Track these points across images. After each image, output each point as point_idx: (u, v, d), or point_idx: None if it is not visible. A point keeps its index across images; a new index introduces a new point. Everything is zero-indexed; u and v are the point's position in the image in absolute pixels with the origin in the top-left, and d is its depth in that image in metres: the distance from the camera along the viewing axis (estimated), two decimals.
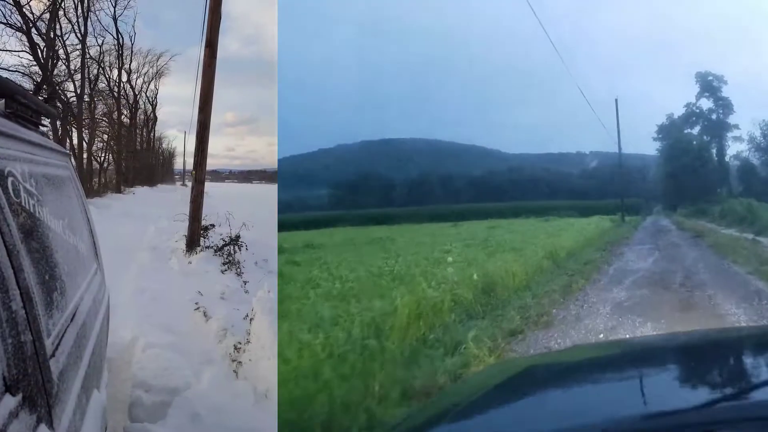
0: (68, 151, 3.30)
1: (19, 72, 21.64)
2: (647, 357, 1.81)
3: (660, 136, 33.19)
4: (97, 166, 34.10)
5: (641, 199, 32.67)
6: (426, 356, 4.46)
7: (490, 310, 6.33)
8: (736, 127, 31.77)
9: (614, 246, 14.49)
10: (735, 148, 31.90)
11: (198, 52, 12.41)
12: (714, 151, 32.00)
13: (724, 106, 32.26)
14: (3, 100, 2.04)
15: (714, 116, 32.20)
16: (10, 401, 1.23)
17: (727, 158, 31.93)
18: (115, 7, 32.68)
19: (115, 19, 33.45)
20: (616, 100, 27.34)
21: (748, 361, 1.68)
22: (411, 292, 5.59)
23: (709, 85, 32.47)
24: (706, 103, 32.86)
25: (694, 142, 31.71)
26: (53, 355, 1.64)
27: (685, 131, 32.58)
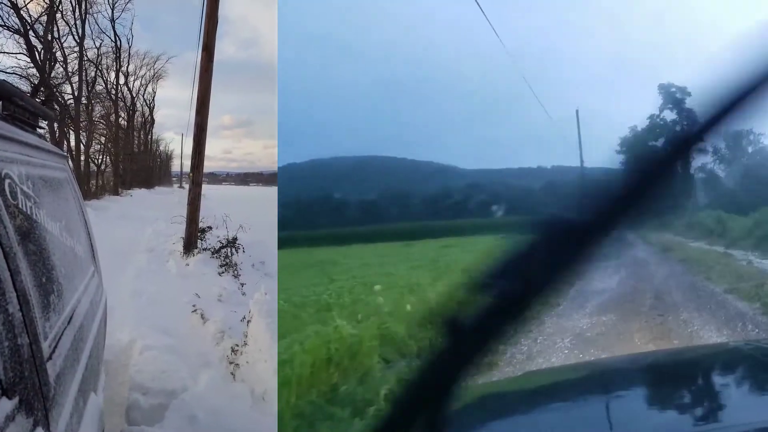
0: (65, 154, 3.29)
1: (16, 74, 21.65)
2: (626, 377, 1.78)
3: (623, 149, 33.19)
4: (95, 168, 34.03)
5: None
6: (327, 418, 3.61)
7: (426, 347, 5.58)
8: (701, 139, 32.24)
9: None
10: (700, 161, 32.34)
11: (195, 55, 12.42)
12: (679, 163, 32.32)
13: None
14: (0, 103, 2.04)
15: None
16: (7, 404, 1.23)
17: (691, 170, 32.07)
18: (112, 10, 32.70)
19: (112, 22, 33.48)
20: (577, 111, 27.48)
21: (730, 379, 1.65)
22: (317, 334, 4.59)
23: (672, 97, 32.19)
24: (669, 115, 32.72)
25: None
26: (50, 358, 1.64)
27: (649, 143, 32.97)
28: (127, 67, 39.99)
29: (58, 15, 25.06)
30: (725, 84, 0.61)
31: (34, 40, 22.92)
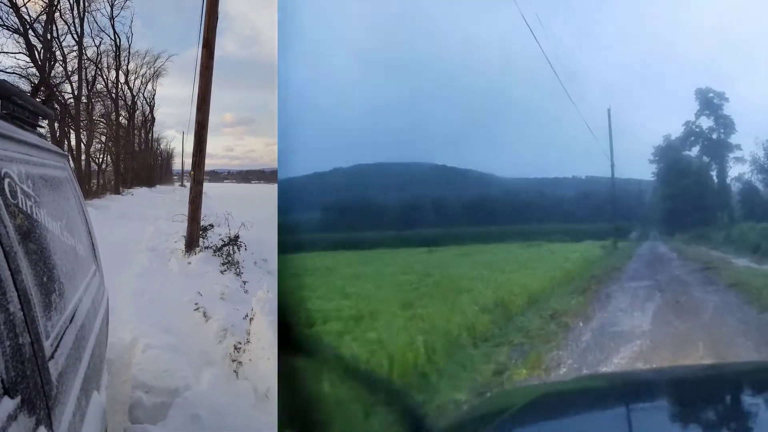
0: (66, 153, 3.29)
1: (16, 74, 21.67)
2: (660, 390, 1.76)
3: (656, 158, 31.45)
4: (96, 167, 34.09)
5: (637, 223, 30.95)
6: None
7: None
8: (738, 147, 29.52)
9: (600, 283, 10.59)
10: (737, 170, 29.58)
11: (195, 53, 12.40)
12: (714, 172, 29.92)
13: (725, 125, 29.89)
14: (0, 102, 2.03)
15: (714, 135, 30.03)
16: (9, 404, 1.22)
17: (728, 180, 29.75)
18: (111, 8, 32.71)
19: (111, 20, 33.48)
20: (609, 110, 25.52)
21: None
22: None
23: (709, 103, 30.12)
24: (706, 122, 30.49)
25: (693, 164, 29.74)
26: (52, 357, 1.63)
27: (684, 152, 30.63)
28: (127, 66, 40.11)
29: (57, 14, 25.09)
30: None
31: (33, 40, 22.94)
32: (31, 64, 22.74)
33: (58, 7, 25.03)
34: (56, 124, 24.13)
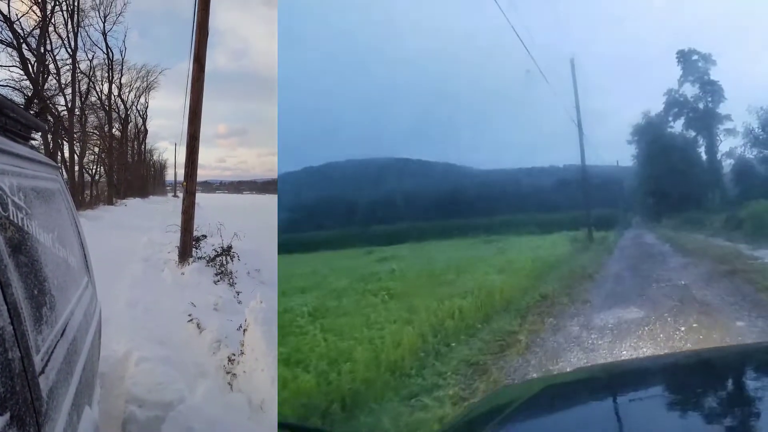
0: (58, 165, 3.27)
1: (9, 86, 21.70)
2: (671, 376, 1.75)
3: (635, 138, 27.32)
4: (89, 178, 33.96)
5: (618, 210, 28.07)
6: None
7: None
8: (728, 117, 24.97)
9: (543, 317, 6.39)
10: (728, 144, 25.30)
11: (187, 66, 12.47)
12: (702, 148, 25.83)
13: (713, 92, 25.10)
14: None
15: (701, 105, 25.36)
16: None
17: (718, 156, 25.62)
18: (104, 23, 32.80)
19: (104, 35, 33.57)
20: (572, 60, 19.43)
21: None
22: None
23: (693, 67, 25.32)
24: (690, 90, 25.67)
25: (678, 139, 25.60)
26: (42, 371, 1.61)
27: (667, 128, 26.21)
28: (120, 79, 40.13)
29: (51, 28, 25.12)
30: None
31: (27, 53, 22.97)
32: (25, 77, 22.79)
33: (52, 21, 25.11)
34: (50, 136, 24.06)
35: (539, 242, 15.75)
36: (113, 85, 38.60)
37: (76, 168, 29.66)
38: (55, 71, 26.10)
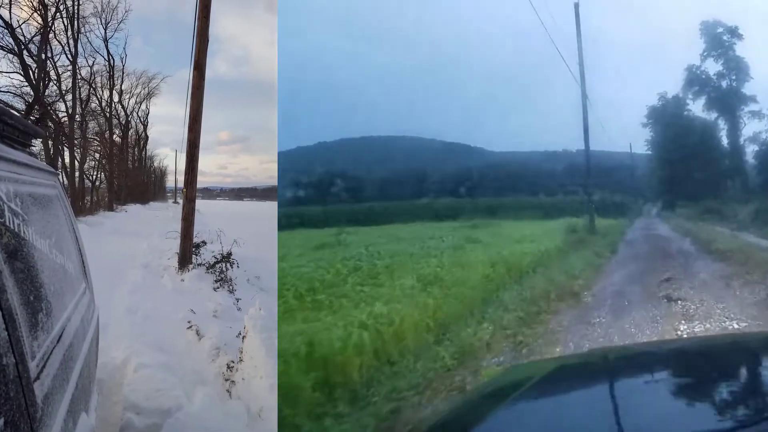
0: (56, 171, 3.28)
1: (10, 93, 21.80)
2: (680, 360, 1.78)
3: (650, 121, 24.64)
4: (90, 184, 34.02)
5: (628, 196, 26.22)
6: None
7: None
8: (754, 99, 21.95)
9: (503, 351, 4.46)
10: (752, 128, 22.30)
11: (187, 73, 12.53)
12: (724, 132, 23.02)
13: (738, 69, 22.18)
14: None
15: (724, 83, 22.45)
16: None
17: (741, 141, 22.67)
18: (105, 30, 32.98)
19: (105, 42, 33.74)
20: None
21: None
22: None
23: (717, 41, 22.34)
24: (713, 66, 22.72)
25: (697, 122, 23.09)
26: (38, 378, 1.61)
27: (685, 109, 23.56)
28: (121, 85, 40.28)
29: (52, 35, 25.27)
30: None
31: (28, 60, 23.07)
32: (26, 84, 22.88)
33: (53, 28, 25.25)
34: (50, 142, 24.13)
35: (531, 230, 13.14)
36: (114, 92, 38.81)
37: (77, 174, 29.71)
38: (55, 78, 26.25)
